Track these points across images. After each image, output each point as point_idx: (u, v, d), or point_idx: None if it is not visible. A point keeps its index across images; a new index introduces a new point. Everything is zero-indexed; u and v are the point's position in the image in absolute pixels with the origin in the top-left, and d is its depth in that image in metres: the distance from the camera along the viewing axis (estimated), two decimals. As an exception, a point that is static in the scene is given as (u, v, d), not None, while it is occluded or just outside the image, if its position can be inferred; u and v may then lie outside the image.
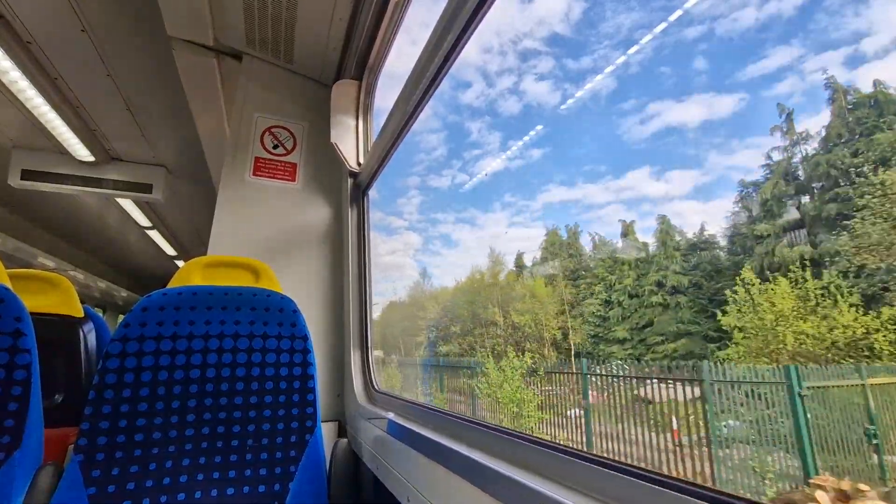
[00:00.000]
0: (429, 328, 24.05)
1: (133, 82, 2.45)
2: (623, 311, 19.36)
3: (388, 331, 25.44)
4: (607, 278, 20.70)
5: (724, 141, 25.65)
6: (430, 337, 23.64)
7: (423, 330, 24.14)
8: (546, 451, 0.75)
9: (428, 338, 23.66)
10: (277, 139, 1.95)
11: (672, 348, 16.61)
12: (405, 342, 24.40)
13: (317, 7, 1.65)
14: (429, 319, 24.22)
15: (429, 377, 13.30)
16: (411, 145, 39.86)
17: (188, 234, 5.59)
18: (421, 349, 23.39)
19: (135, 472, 0.95)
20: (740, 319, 6.92)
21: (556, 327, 19.73)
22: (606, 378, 7.01)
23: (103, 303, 9.56)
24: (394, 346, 24.26)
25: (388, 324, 26.10)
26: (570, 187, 34.92)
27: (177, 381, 1.02)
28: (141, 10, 1.92)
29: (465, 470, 0.82)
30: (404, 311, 26.96)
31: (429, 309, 24.64)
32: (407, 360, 20.63)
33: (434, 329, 23.78)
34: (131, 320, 1.00)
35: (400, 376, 16.01)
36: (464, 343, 21.51)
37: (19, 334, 1.01)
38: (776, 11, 21.10)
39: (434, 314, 24.30)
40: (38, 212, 4.64)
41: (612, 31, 31.05)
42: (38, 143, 3.10)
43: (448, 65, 1.18)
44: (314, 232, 1.94)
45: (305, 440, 1.12)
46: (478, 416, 8.75)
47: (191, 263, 1.28)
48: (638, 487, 0.58)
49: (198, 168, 3.36)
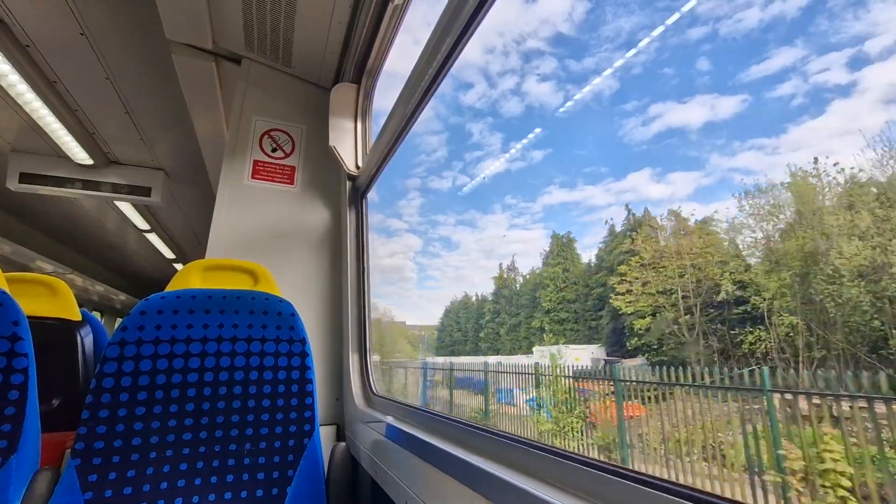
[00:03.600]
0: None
1: (132, 86, 2.45)
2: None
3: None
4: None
5: (726, 143, 25.71)
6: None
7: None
8: (543, 454, 0.75)
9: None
10: (276, 142, 1.95)
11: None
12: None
13: (315, 11, 1.66)
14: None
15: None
16: (411, 147, 39.99)
17: (186, 237, 5.59)
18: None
19: (132, 476, 0.94)
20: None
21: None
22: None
23: (101, 306, 9.54)
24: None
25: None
26: (571, 189, 34.93)
27: (174, 384, 1.01)
28: (140, 13, 1.93)
29: (463, 474, 0.81)
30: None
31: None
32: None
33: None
34: (129, 324, 1.00)
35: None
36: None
37: (16, 338, 1.00)
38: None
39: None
40: (37, 215, 4.64)
41: (612, 35, 31.13)
42: (37, 147, 3.10)
43: (448, 66, 1.18)
44: (313, 235, 1.94)
45: (304, 444, 1.11)
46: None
47: (189, 266, 1.27)
48: (631, 490, 0.58)
49: (196, 171, 3.36)
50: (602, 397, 6.79)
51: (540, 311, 26.56)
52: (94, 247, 6.05)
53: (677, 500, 0.52)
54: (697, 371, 5.07)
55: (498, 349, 29.54)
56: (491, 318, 31.72)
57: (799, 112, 22.58)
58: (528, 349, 25.47)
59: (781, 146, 23.16)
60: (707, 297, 13.68)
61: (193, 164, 3.27)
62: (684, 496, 0.52)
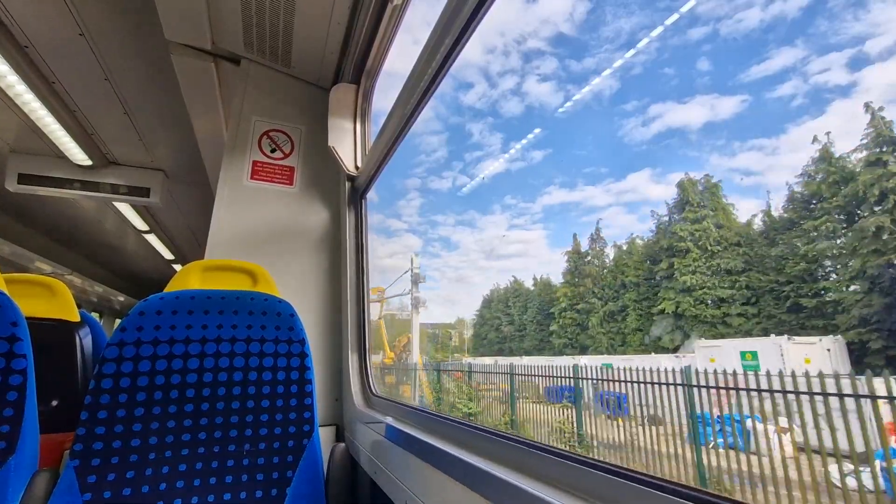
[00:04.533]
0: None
1: (131, 86, 2.45)
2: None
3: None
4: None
5: (726, 143, 25.65)
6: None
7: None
8: (543, 454, 0.74)
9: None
10: (275, 143, 1.95)
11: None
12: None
13: (315, 11, 1.66)
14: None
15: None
16: (411, 147, 40.05)
17: (186, 237, 5.58)
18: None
19: (131, 477, 0.94)
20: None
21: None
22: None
23: (100, 307, 9.52)
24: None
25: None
26: (571, 189, 34.91)
27: (173, 385, 1.01)
28: (139, 13, 1.92)
29: (463, 474, 0.81)
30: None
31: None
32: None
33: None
34: (128, 324, 1.00)
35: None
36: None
37: (15, 339, 1.00)
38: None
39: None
40: (35, 216, 4.63)
41: (612, 35, 31.15)
42: (36, 147, 3.09)
43: (447, 66, 1.18)
44: (312, 235, 1.94)
45: (303, 445, 1.11)
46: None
47: (188, 267, 1.27)
48: (629, 489, 0.58)
49: (195, 172, 3.35)
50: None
51: (671, 290, 17.78)
52: (93, 248, 6.04)
53: (677, 500, 0.52)
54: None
55: (584, 346, 22.29)
56: (568, 306, 24.14)
57: (799, 112, 22.63)
58: (643, 345, 17.81)
59: (781, 146, 23.19)
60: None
61: (192, 165, 3.26)
62: (684, 496, 0.52)
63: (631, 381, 5.86)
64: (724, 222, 17.80)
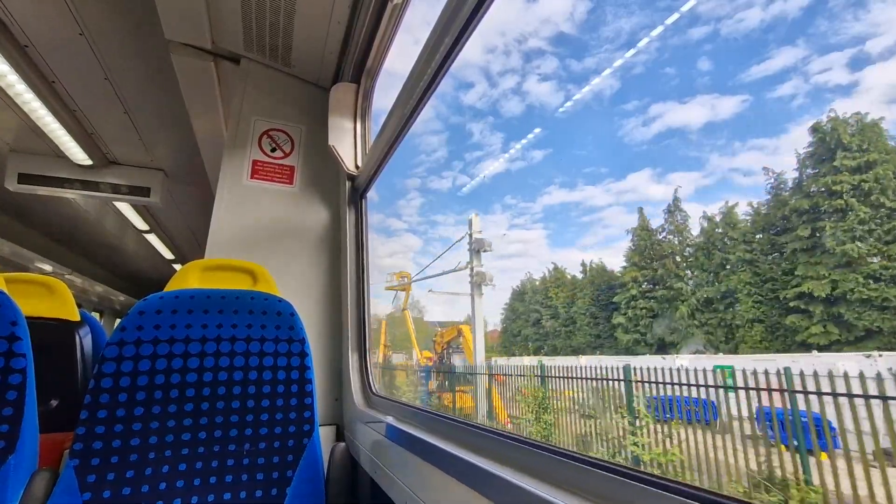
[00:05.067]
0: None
1: (131, 86, 2.45)
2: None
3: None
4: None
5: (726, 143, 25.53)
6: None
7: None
8: (544, 454, 0.74)
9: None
10: (275, 142, 1.95)
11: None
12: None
13: (315, 10, 1.65)
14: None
15: None
16: (411, 147, 40.03)
17: (185, 237, 5.58)
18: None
19: (130, 476, 0.94)
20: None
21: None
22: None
23: (100, 307, 9.53)
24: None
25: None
26: (571, 189, 34.90)
27: (173, 384, 1.01)
28: (139, 13, 1.92)
29: (464, 474, 0.81)
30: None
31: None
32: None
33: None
34: (128, 324, 1.00)
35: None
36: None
37: (15, 338, 1.00)
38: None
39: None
40: (36, 215, 4.63)
41: (613, 35, 31.17)
42: (36, 147, 3.09)
43: (447, 65, 1.17)
44: (312, 235, 1.93)
45: (303, 444, 1.11)
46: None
47: (188, 266, 1.27)
48: (632, 489, 0.58)
49: (195, 171, 3.35)
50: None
51: (818, 266, 12.19)
52: (93, 247, 6.04)
53: (681, 499, 0.52)
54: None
55: (663, 341, 17.04)
56: (640, 293, 18.72)
57: (800, 112, 22.64)
58: (765, 340, 12.80)
59: (781, 146, 23.16)
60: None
61: (192, 165, 3.26)
62: (688, 495, 0.52)
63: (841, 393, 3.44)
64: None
